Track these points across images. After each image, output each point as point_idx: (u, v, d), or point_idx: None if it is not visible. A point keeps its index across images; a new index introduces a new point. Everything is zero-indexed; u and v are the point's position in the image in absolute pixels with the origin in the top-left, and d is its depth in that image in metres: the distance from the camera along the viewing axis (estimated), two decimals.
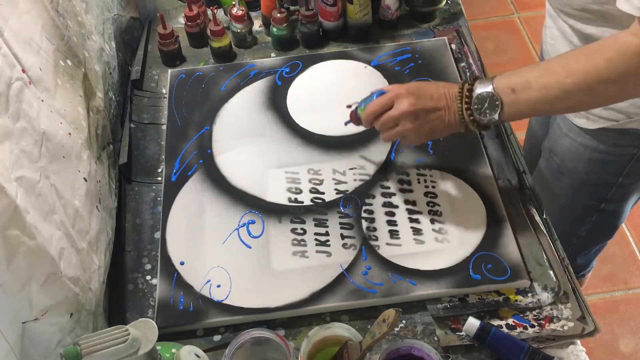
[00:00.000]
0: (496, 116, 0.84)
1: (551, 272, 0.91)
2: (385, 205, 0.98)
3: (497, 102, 0.83)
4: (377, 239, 0.94)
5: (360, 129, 1.03)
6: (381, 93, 0.92)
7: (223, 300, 0.89)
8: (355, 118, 0.97)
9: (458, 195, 0.99)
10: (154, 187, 1.04)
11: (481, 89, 0.84)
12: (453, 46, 1.21)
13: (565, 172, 1.12)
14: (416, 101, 0.87)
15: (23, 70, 0.73)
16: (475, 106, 0.85)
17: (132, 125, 1.12)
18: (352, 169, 1.03)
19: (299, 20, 1.21)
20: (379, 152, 1.04)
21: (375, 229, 0.95)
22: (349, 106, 0.99)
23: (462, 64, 1.17)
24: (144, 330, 0.67)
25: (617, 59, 0.75)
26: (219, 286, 0.91)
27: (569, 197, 1.12)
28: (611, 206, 1.14)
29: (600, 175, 1.08)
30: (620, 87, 0.78)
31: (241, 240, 0.95)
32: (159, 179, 1.05)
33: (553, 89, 0.80)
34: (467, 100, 0.85)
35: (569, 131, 1.06)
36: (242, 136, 1.08)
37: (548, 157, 1.14)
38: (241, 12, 1.20)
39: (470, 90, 0.85)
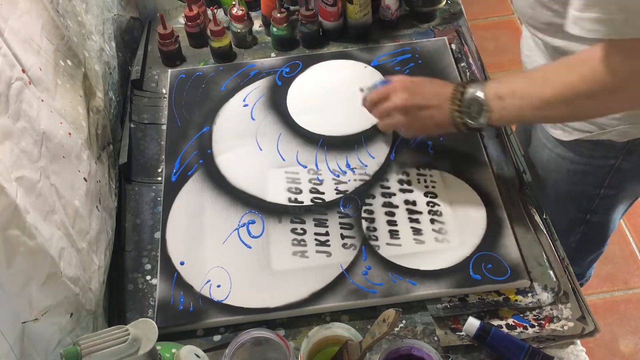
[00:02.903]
0: (483, 121, 0.86)
1: (551, 272, 0.91)
2: (385, 205, 0.98)
3: (486, 108, 0.85)
4: (377, 239, 0.94)
5: (360, 127, 1.03)
6: (385, 83, 0.96)
7: (223, 300, 0.89)
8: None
9: (458, 195, 0.98)
10: (154, 187, 1.04)
11: (472, 93, 0.86)
12: (453, 46, 1.21)
13: (547, 183, 1.11)
14: (409, 97, 0.91)
15: (23, 70, 0.73)
16: (466, 109, 0.87)
17: (132, 125, 1.12)
18: (352, 169, 1.03)
19: (299, 20, 1.21)
20: (379, 152, 1.05)
21: (375, 229, 0.95)
22: (362, 90, 1.03)
23: (462, 64, 1.17)
24: (144, 330, 0.67)
25: (590, 76, 0.76)
26: (219, 286, 0.90)
27: (553, 209, 1.12)
28: (597, 217, 1.13)
29: (582, 187, 1.07)
30: (595, 103, 0.79)
31: (241, 240, 0.95)
32: (159, 179, 1.05)
33: (534, 99, 0.82)
34: (458, 102, 0.87)
35: (547, 142, 1.06)
36: (242, 136, 1.08)
37: (531, 167, 1.14)
38: (241, 12, 1.20)
39: (463, 93, 0.87)
